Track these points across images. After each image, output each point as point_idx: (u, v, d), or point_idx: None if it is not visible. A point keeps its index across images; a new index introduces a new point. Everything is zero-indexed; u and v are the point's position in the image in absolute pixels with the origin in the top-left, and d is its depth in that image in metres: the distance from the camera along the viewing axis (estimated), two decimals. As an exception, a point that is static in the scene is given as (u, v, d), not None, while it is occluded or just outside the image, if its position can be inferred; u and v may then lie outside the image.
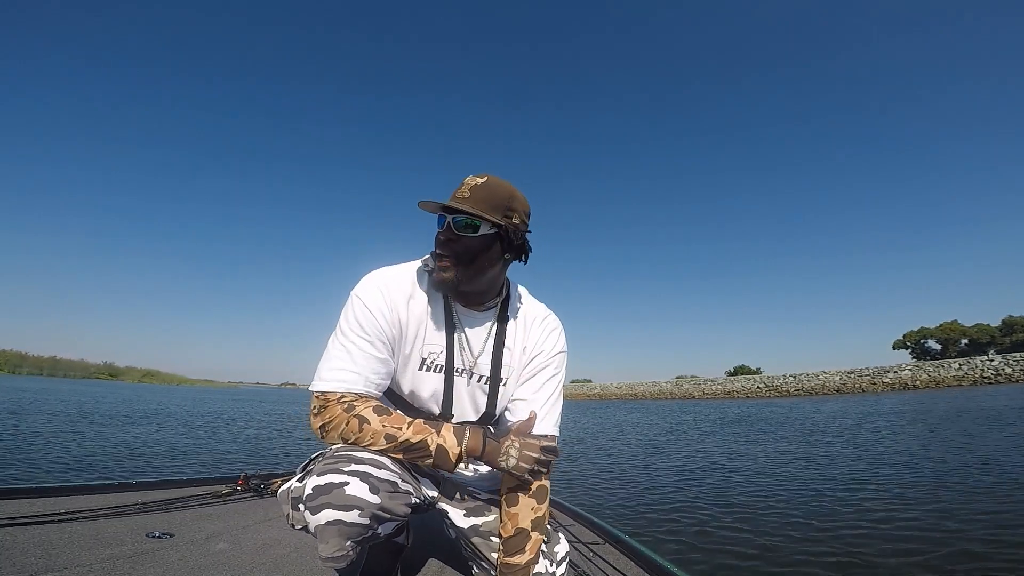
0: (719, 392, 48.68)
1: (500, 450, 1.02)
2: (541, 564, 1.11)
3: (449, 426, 1.03)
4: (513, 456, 1.02)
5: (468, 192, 1.03)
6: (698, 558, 2.85)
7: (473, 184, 1.04)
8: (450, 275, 1.04)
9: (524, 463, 1.02)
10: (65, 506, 1.71)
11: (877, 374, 39.96)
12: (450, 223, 1.03)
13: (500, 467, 1.03)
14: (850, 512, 3.69)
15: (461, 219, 1.02)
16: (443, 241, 1.04)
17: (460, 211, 1.02)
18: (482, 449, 1.02)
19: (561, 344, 1.21)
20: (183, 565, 1.33)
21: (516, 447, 1.03)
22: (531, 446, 1.04)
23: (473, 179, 1.05)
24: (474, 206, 1.01)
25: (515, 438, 1.05)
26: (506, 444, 1.03)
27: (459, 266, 1.04)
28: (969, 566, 2.58)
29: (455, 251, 1.03)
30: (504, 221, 1.04)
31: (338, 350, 1.02)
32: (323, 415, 0.99)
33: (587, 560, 1.56)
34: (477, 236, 1.03)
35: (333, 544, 0.90)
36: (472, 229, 1.02)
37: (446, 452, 0.98)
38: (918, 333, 60.97)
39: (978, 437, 7.57)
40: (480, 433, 1.03)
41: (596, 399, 55.89)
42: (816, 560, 2.74)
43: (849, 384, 39.84)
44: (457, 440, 1.00)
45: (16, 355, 56.32)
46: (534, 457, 1.03)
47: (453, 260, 1.03)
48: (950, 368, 36.79)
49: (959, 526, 3.21)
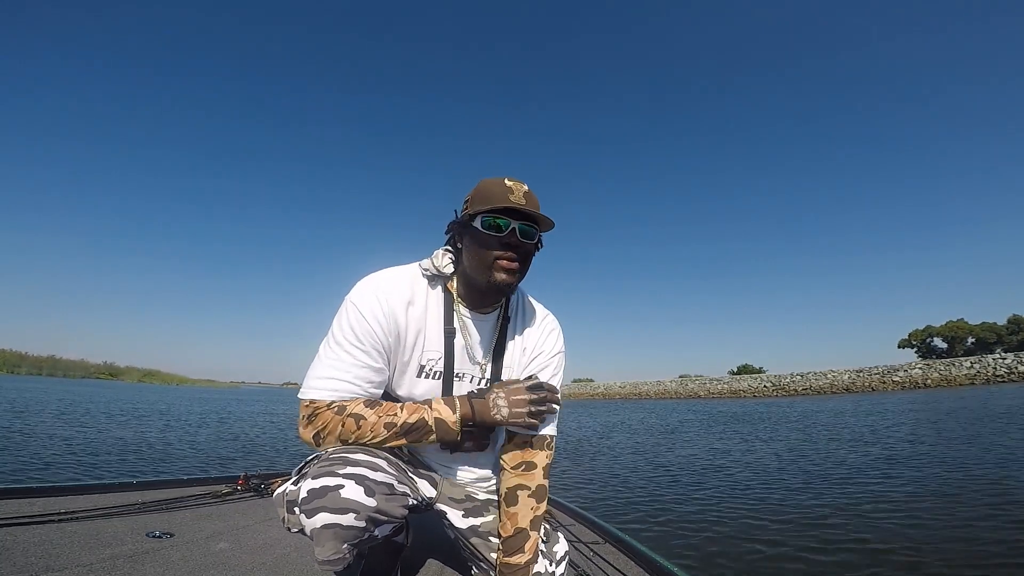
0: (725, 391, 48.52)
1: (488, 404, 1.04)
2: (541, 564, 1.12)
3: (439, 399, 1.05)
4: (503, 405, 1.04)
5: (524, 199, 1.03)
6: (698, 558, 2.87)
7: (524, 191, 1.05)
8: (513, 279, 1.06)
9: (518, 407, 1.04)
10: (65, 506, 1.73)
11: (887, 373, 39.75)
12: (515, 228, 1.03)
13: (497, 422, 1.04)
14: (853, 513, 3.68)
15: (526, 227, 1.04)
16: (515, 246, 1.04)
17: (532, 219, 1.04)
18: (472, 410, 1.03)
19: (560, 345, 1.23)
20: (183, 565, 1.35)
21: (502, 396, 1.04)
22: (517, 390, 1.05)
23: (518, 184, 1.05)
24: (537, 214, 1.04)
25: (498, 389, 1.06)
26: (491, 397, 1.05)
27: (521, 271, 1.07)
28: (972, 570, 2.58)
29: (519, 256, 1.05)
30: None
31: (330, 358, 1.02)
32: (315, 423, 0.99)
33: (587, 560, 1.57)
34: (534, 244, 1.08)
35: (329, 547, 0.91)
36: (532, 237, 1.06)
37: (445, 423, 1.01)
38: (924, 332, 60.90)
39: (1003, 435, 7.52)
40: (465, 397, 1.05)
41: (600, 399, 55.78)
42: (816, 560, 2.75)
43: (858, 383, 39.65)
44: (451, 409, 1.03)
45: (15, 355, 56.60)
46: (525, 399, 1.04)
47: (519, 264, 1.06)
48: (961, 366, 36.55)
49: (973, 530, 3.20)
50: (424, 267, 1.11)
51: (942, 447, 6.77)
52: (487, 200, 1.02)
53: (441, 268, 1.10)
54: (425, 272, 1.11)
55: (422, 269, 1.11)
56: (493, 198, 1.02)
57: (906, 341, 62.69)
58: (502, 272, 1.04)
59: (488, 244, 1.03)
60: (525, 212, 1.03)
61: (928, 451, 6.49)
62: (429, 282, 1.11)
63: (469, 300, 1.13)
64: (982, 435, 7.71)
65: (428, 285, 1.11)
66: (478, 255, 1.05)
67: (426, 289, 1.11)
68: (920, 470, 5.23)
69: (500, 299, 1.17)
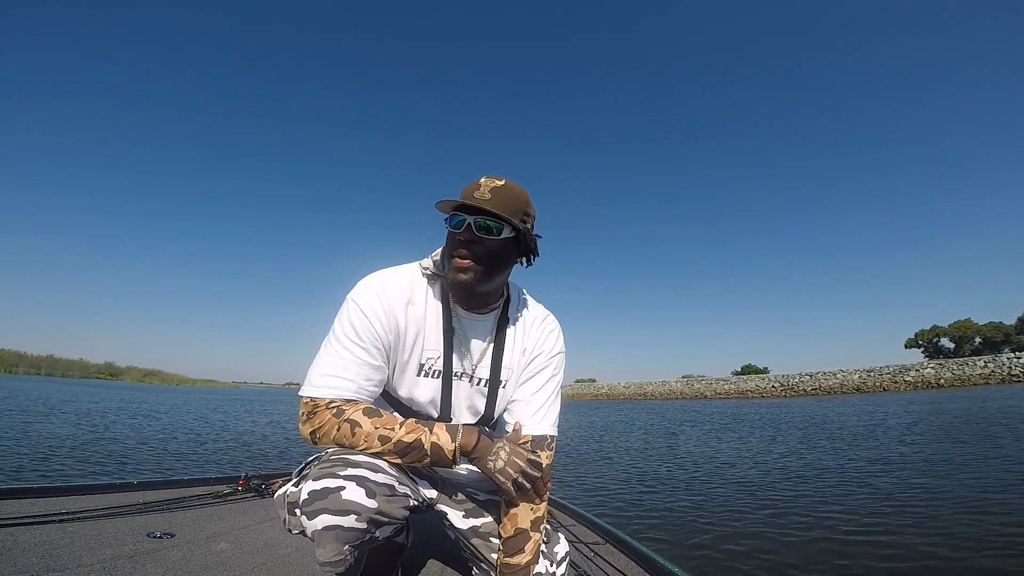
0: (732, 392, 48.37)
1: (491, 449, 1.04)
2: (541, 564, 1.13)
3: (442, 424, 1.04)
4: (502, 459, 1.03)
5: (489, 194, 1.02)
6: (699, 558, 2.88)
7: (493, 186, 1.03)
8: (468, 277, 1.03)
9: (511, 468, 1.03)
10: (66, 506, 1.74)
11: (898, 372, 39.52)
12: (470, 224, 1.01)
13: (487, 467, 1.03)
14: (855, 514, 3.68)
15: (482, 221, 1.02)
16: (463, 242, 1.02)
17: (487, 212, 1.01)
18: (475, 445, 1.03)
19: (560, 345, 1.23)
20: (184, 565, 1.36)
21: (506, 450, 1.04)
22: (520, 453, 1.05)
23: (491, 180, 1.04)
24: (496, 208, 1.01)
25: (506, 442, 1.06)
26: (498, 445, 1.04)
27: (477, 268, 1.04)
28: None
29: (475, 253, 1.03)
30: (522, 226, 1.06)
31: (331, 356, 1.03)
32: (312, 421, 1.01)
33: (587, 560, 1.59)
34: (498, 239, 1.04)
35: (330, 549, 0.92)
36: (493, 232, 1.02)
37: (441, 450, 1.00)
38: (930, 332, 60.84)
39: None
40: (476, 431, 1.05)
41: (604, 399, 55.72)
42: (817, 561, 2.76)
43: (869, 383, 39.45)
44: (451, 437, 1.01)
45: (12, 354, 56.87)
46: (520, 465, 1.03)
47: (473, 262, 1.03)
48: (975, 366, 36.30)
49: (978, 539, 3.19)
50: (424, 266, 1.12)
51: (962, 447, 6.74)
52: (457, 198, 1.04)
53: (440, 267, 1.11)
54: (425, 271, 1.12)
55: (422, 268, 1.12)
56: (462, 196, 1.04)
57: (912, 341, 62.60)
58: (455, 270, 1.04)
59: (450, 242, 1.06)
60: (477, 207, 1.01)
61: (937, 453, 6.47)
62: (429, 281, 1.12)
63: (465, 301, 1.13)
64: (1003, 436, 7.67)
65: (428, 284, 1.12)
66: (445, 254, 1.08)
67: (426, 288, 1.12)
68: (932, 472, 5.21)
69: (494, 300, 1.16)
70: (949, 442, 7.38)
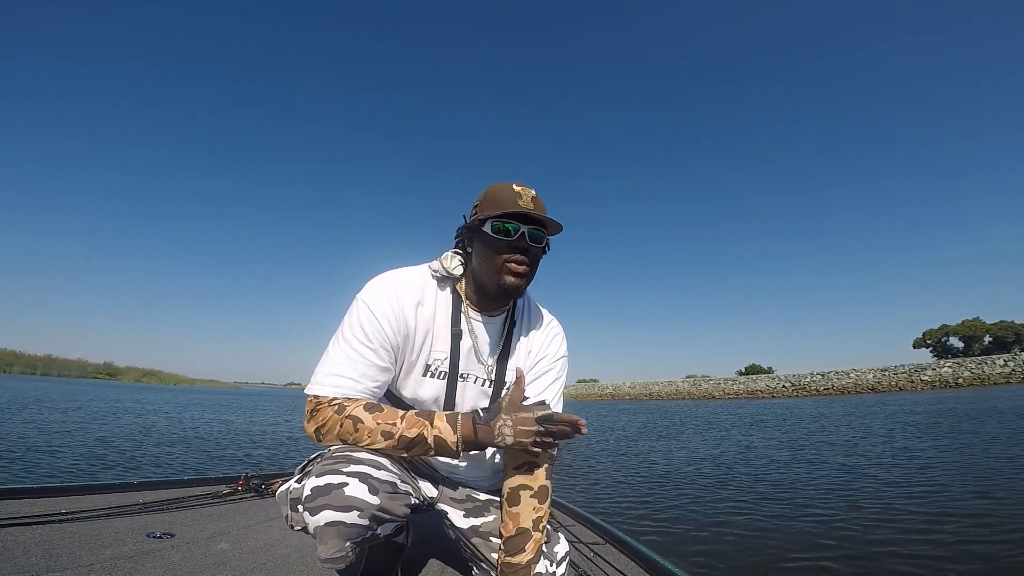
0: (741, 391, 48.19)
1: (494, 431, 1.05)
2: (541, 564, 1.15)
3: (441, 415, 1.06)
4: (508, 434, 1.04)
5: (532, 203, 1.10)
6: (699, 558, 2.91)
7: (533, 196, 1.11)
8: (523, 282, 1.12)
9: (523, 437, 1.04)
10: (66, 506, 1.77)
11: (914, 371, 39.25)
12: (525, 233, 1.09)
13: (500, 446, 1.06)
14: (856, 514, 3.69)
15: (535, 231, 1.10)
16: (524, 249, 1.10)
17: (540, 223, 1.10)
18: (474, 433, 1.04)
19: (564, 349, 1.28)
20: (184, 565, 1.39)
21: (509, 424, 1.05)
22: (525, 420, 1.05)
23: (527, 189, 1.12)
24: (544, 219, 1.10)
25: (506, 416, 1.06)
26: (497, 424, 1.05)
27: (530, 275, 1.13)
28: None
29: (530, 260, 1.12)
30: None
31: (338, 355, 1.06)
32: (316, 419, 1.04)
33: (588, 560, 1.61)
34: (540, 247, 1.13)
35: (332, 545, 0.94)
36: (540, 241, 1.12)
37: (444, 442, 1.03)
38: (939, 331, 60.59)
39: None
40: (469, 419, 1.06)
41: (608, 399, 55.70)
42: (817, 561, 2.77)
43: (884, 382, 39.22)
44: (452, 428, 1.04)
45: (8, 353, 57.24)
46: (531, 431, 1.04)
47: (528, 269, 1.11)
48: (995, 364, 36.05)
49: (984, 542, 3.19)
50: (434, 268, 1.16)
51: (973, 448, 6.71)
52: (497, 205, 1.08)
53: (451, 270, 1.14)
54: (435, 273, 1.15)
55: (431, 270, 1.16)
56: (503, 203, 1.07)
57: (920, 340, 62.43)
58: (511, 275, 1.09)
59: (498, 248, 1.09)
60: (533, 216, 1.08)
61: (940, 453, 6.44)
62: (438, 283, 1.16)
63: (478, 303, 1.17)
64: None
65: (437, 286, 1.16)
66: (488, 259, 1.10)
67: (435, 290, 1.15)
68: (927, 473, 5.19)
69: (508, 302, 1.21)
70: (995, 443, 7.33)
